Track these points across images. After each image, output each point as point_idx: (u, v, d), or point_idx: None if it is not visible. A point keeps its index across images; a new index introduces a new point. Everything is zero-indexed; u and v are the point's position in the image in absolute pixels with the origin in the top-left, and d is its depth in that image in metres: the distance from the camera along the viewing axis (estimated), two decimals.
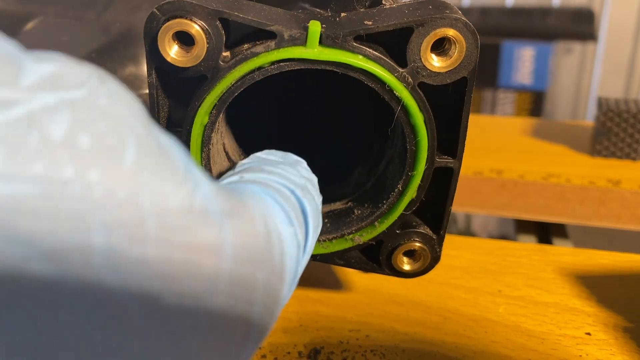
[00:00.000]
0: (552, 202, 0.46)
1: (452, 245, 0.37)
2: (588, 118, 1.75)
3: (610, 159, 0.50)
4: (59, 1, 0.37)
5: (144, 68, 0.35)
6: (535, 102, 1.78)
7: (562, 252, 0.37)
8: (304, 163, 0.23)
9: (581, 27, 1.66)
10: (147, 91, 0.34)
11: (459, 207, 0.47)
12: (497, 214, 0.47)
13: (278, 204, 0.18)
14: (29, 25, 0.36)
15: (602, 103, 0.51)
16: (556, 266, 0.35)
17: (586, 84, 1.80)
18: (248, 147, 0.31)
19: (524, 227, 0.52)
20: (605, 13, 1.70)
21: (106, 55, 0.33)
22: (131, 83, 0.34)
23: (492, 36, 1.77)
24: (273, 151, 0.23)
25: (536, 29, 1.72)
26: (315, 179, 0.23)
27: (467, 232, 1.45)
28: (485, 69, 1.78)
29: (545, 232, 0.51)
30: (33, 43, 0.33)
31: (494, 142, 0.55)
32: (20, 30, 0.36)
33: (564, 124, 0.61)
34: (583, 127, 0.59)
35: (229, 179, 0.20)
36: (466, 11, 1.75)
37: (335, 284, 0.33)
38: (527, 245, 0.38)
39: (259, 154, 0.23)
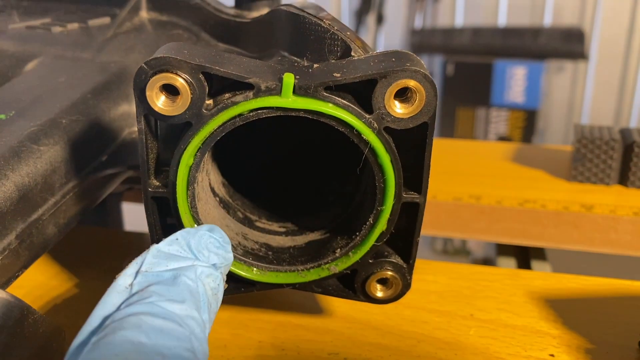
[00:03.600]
0: (528, 226, 0.48)
1: (429, 270, 0.39)
2: None
3: (586, 184, 0.52)
4: (57, 42, 0.40)
5: None
6: (528, 120, 1.81)
7: (533, 277, 0.39)
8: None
9: (572, 46, 1.69)
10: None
11: (439, 232, 0.49)
12: (476, 238, 0.49)
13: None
14: (29, 66, 0.38)
15: (577, 130, 0.53)
16: (527, 290, 0.37)
17: (578, 102, 1.83)
18: (233, 179, 0.34)
19: (504, 250, 0.54)
20: (595, 32, 1.74)
21: (101, 95, 0.35)
22: (124, 120, 0.36)
23: (484, 56, 1.80)
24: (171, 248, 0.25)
25: (528, 49, 1.75)
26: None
27: (464, 250, 1.46)
28: (478, 88, 1.81)
29: (525, 255, 0.53)
30: (33, 83, 0.36)
31: (473, 167, 0.57)
32: (21, 71, 0.38)
33: (545, 149, 0.63)
34: (563, 152, 0.61)
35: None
36: (459, 31, 1.78)
37: (316, 310, 0.35)
38: (501, 269, 0.40)
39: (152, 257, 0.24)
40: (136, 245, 0.44)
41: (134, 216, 0.61)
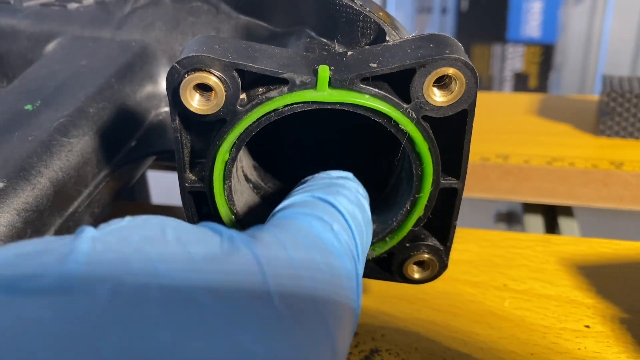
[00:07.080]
0: (556, 185, 0.47)
1: (459, 239, 0.39)
2: (599, 69, 1.72)
3: (614, 138, 0.51)
4: (74, 20, 0.39)
5: (162, 86, 0.36)
6: (545, 55, 1.77)
7: (565, 242, 0.39)
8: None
9: None
10: (165, 109, 0.36)
11: (466, 193, 0.49)
12: (504, 198, 0.49)
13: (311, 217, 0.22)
14: (49, 48, 0.38)
15: (606, 82, 0.52)
16: (559, 257, 0.37)
17: (597, 34, 1.77)
18: (264, 161, 0.33)
19: (531, 207, 0.54)
20: None
21: (125, 78, 0.35)
22: (150, 102, 0.36)
23: None
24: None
25: None
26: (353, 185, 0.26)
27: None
28: (493, 24, 1.76)
29: (552, 212, 0.53)
30: (55, 68, 0.35)
31: (499, 123, 0.56)
32: (40, 52, 0.38)
33: (570, 99, 0.61)
34: (588, 102, 0.60)
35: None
36: None
37: None
38: (531, 235, 0.40)
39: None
40: None
41: (159, 185, 0.62)
